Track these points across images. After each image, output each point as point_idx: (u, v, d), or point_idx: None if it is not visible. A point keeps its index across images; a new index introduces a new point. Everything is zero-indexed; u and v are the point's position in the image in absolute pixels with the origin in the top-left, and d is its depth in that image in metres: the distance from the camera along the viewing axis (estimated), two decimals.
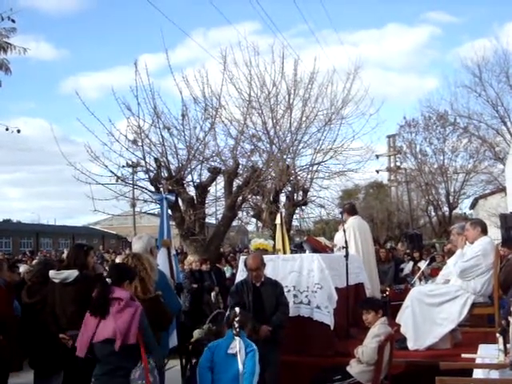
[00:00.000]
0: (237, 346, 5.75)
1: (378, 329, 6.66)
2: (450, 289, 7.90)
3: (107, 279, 5.15)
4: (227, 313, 8.00)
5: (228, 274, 15.11)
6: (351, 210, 11.29)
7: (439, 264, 13.19)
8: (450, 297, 7.82)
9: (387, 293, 11.30)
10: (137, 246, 6.79)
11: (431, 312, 7.84)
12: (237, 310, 6.07)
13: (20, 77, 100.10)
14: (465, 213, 46.12)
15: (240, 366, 5.64)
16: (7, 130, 11.54)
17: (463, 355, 6.17)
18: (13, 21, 10.88)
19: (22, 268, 12.34)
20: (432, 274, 11.98)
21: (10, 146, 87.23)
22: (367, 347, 6.58)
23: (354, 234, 10.64)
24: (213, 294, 12.48)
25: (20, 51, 11.32)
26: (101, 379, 5.08)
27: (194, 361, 7.11)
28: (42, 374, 7.10)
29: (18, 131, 11.74)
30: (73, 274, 6.64)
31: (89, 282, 6.79)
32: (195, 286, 11.35)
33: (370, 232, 11.53)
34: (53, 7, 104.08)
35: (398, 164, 45.08)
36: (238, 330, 5.83)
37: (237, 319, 5.90)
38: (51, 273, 6.83)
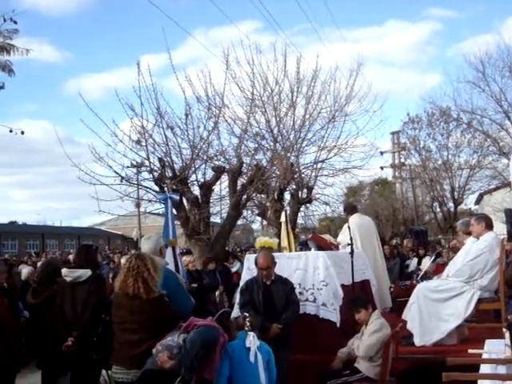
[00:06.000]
0: (251, 340, 5.71)
1: (374, 325, 6.75)
2: (455, 284, 7.88)
3: None
4: (233, 312, 8.02)
5: (236, 268, 15.12)
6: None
7: (445, 259, 13.19)
8: (456, 292, 7.81)
9: (392, 289, 11.30)
10: (146, 247, 6.79)
11: (437, 308, 7.84)
12: (246, 314, 6.04)
13: (23, 79, 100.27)
14: (470, 208, 46.09)
15: (252, 358, 5.58)
16: (11, 131, 11.57)
17: (470, 351, 6.16)
18: (15, 22, 10.87)
19: (25, 270, 12.37)
20: (437, 269, 11.97)
21: (15, 148, 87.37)
22: (363, 343, 6.68)
23: (353, 232, 10.60)
24: (217, 293, 12.46)
25: (23, 52, 11.33)
26: None
27: None
28: (49, 375, 7.13)
29: (22, 133, 11.78)
30: (86, 273, 6.69)
31: (100, 282, 6.85)
32: (195, 285, 11.33)
33: (374, 227, 11.53)
34: (55, 9, 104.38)
35: (402, 160, 45.07)
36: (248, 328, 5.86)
37: (248, 320, 5.90)
38: (64, 271, 6.87)
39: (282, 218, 11.20)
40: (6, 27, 11.15)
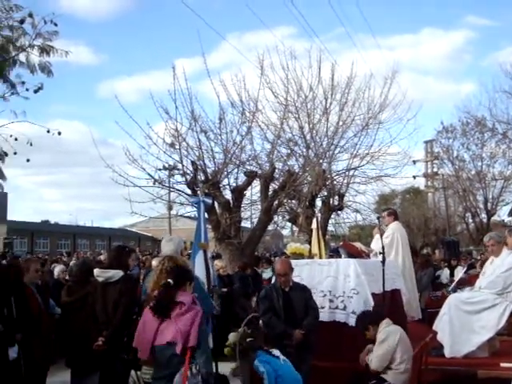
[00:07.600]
0: (275, 351, 6.46)
1: (382, 334, 6.73)
2: (488, 296, 7.79)
3: (169, 281, 5.17)
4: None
5: (269, 275, 15.07)
6: (395, 215, 11.22)
7: (478, 270, 13.01)
8: (489, 305, 7.72)
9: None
10: (168, 249, 6.83)
11: (469, 320, 7.75)
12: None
13: (59, 80, 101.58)
14: (503, 220, 45.39)
15: (282, 362, 6.37)
16: (48, 132, 11.71)
17: (502, 364, 6.08)
18: (55, 24, 11.04)
19: (57, 268, 12.53)
20: (470, 281, 11.82)
21: (49, 149, 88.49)
22: (373, 355, 6.68)
23: (397, 238, 10.54)
24: (254, 299, 12.42)
25: (62, 54, 11.49)
26: (159, 382, 5.06)
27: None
28: (78, 373, 7.20)
29: (59, 133, 11.89)
30: (118, 273, 6.75)
31: (131, 283, 6.91)
32: (225, 290, 11.34)
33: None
34: (91, 12, 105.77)
35: (435, 170, 44.56)
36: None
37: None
38: (96, 271, 6.94)
39: (314, 225, 11.17)
40: (47, 29, 11.34)
